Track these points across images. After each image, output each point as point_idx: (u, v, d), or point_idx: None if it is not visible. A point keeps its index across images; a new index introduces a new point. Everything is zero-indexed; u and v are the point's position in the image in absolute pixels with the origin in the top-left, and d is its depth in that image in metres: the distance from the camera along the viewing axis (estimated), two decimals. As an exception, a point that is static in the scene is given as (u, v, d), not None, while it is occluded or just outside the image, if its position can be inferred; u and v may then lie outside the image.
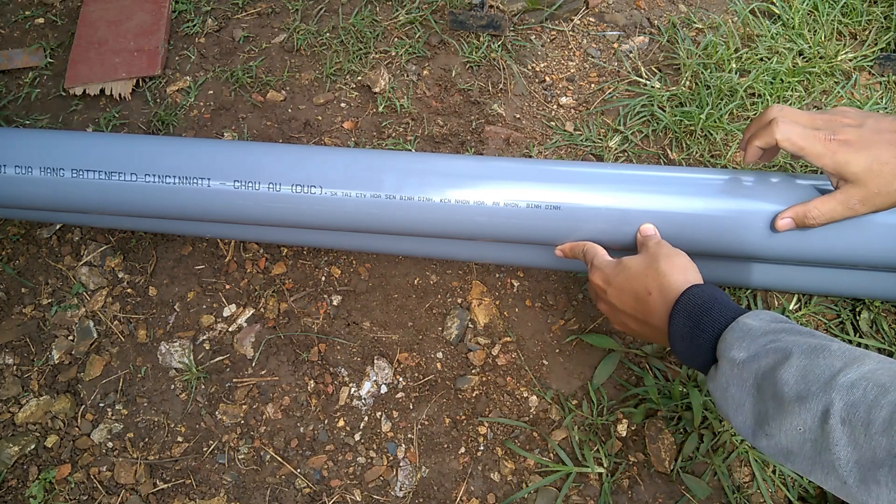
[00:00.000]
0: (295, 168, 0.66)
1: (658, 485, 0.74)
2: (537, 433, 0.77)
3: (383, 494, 0.74)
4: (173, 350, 0.82)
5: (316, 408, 0.79)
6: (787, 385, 0.44)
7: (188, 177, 0.66)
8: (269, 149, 0.68)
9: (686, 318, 0.53)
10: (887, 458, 0.38)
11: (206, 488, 0.75)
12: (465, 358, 0.81)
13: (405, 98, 0.99)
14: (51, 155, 0.67)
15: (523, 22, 1.06)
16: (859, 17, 1.04)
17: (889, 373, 0.41)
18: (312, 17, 1.07)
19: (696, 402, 0.74)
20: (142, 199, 0.67)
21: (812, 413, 0.42)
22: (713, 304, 0.52)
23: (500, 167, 0.68)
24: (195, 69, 1.03)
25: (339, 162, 0.67)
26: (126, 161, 0.66)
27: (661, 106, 0.96)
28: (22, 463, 0.76)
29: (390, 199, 0.65)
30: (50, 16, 1.08)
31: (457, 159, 0.70)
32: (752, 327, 0.48)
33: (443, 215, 0.65)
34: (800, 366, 0.44)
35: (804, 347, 0.45)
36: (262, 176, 0.65)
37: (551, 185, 0.65)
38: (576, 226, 0.66)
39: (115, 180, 0.66)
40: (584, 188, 0.65)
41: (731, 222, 0.64)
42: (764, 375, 0.46)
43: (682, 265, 0.57)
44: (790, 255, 0.66)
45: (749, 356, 0.47)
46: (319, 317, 0.83)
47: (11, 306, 0.85)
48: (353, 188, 0.65)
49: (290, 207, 0.66)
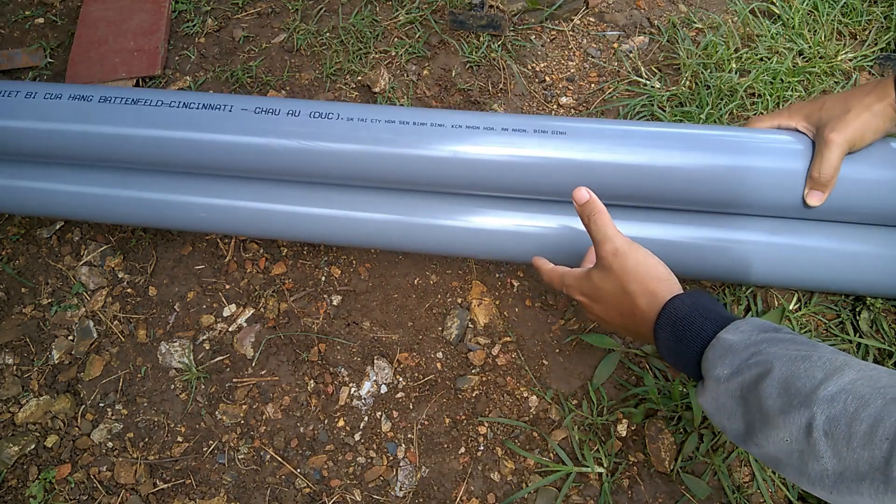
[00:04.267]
0: (312, 103, 0.71)
1: (658, 485, 0.74)
2: (537, 433, 0.77)
3: (383, 494, 0.74)
4: (173, 350, 0.82)
5: (316, 408, 0.79)
6: (770, 398, 0.44)
7: (211, 104, 0.70)
8: (287, 99, 0.74)
9: (669, 333, 0.52)
10: (869, 472, 0.39)
11: (206, 488, 0.75)
12: (465, 358, 0.81)
13: (405, 98, 0.99)
14: (79, 88, 0.73)
15: (523, 22, 1.06)
16: (859, 17, 1.04)
17: (868, 382, 0.42)
18: (312, 17, 1.07)
19: (696, 402, 0.74)
20: (166, 127, 0.71)
21: (796, 426, 0.43)
22: (694, 317, 0.51)
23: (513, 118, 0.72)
24: (195, 69, 1.03)
25: (356, 106, 0.72)
26: (151, 93, 0.73)
27: (661, 106, 0.96)
28: (22, 463, 0.76)
29: (404, 124, 0.69)
30: (50, 16, 1.08)
31: (467, 113, 0.74)
32: (733, 343, 0.48)
33: (456, 139, 0.69)
34: (781, 378, 0.44)
35: (785, 359, 0.45)
36: (283, 105, 0.70)
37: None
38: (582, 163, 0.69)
39: (141, 104, 0.71)
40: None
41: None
42: (748, 389, 0.46)
43: (652, 274, 0.56)
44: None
45: (732, 371, 0.47)
46: (319, 317, 0.83)
47: (11, 306, 0.85)
48: (369, 115, 0.69)
49: (309, 132, 0.70)
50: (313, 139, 0.69)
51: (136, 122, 0.71)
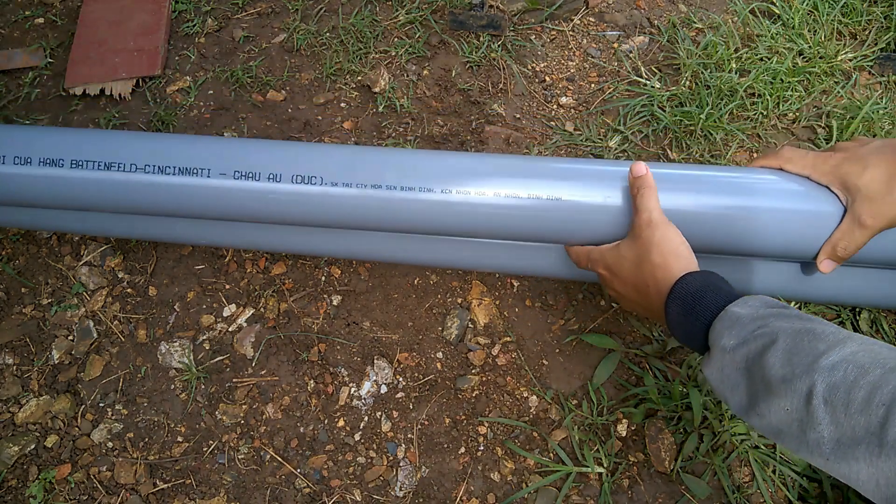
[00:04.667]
0: (296, 161, 0.66)
1: (658, 485, 0.74)
2: (537, 433, 0.77)
3: (383, 494, 0.74)
4: (173, 350, 0.82)
5: (316, 408, 0.79)
6: (774, 368, 0.46)
7: (187, 168, 0.65)
8: (269, 144, 0.69)
9: (680, 306, 0.54)
10: (865, 436, 0.40)
11: (206, 488, 0.75)
12: (465, 358, 0.81)
13: (405, 98, 0.99)
14: (50, 146, 0.66)
15: (523, 22, 1.06)
16: (859, 17, 1.04)
17: (870, 354, 0.43)
18: (312, 17, 1.07)
19: (696, 402, 0.74)
20: (140, 193, 0.67)
21: (797, 394, 0.44)
22: (705, 292, 0.53)
23: (500, 163, 0.68)
24: (195, 69, 1.03)
25: (341, 155, 0.67)
26: (125, 152, 0.66)
27: (661, 106, 0.96)
28: (22, 463, 0.76)
29: (391, 189, 0.65)
30: (50, 16, 1.08)
31: (457, 156, 0.70)
32: (741, 315, 0.50)
33: (444, 209, 0.65)
34: (785, 349, 0.46)
35: (790, 331, 0.46)
36: (264, 166, 0.65)
37: (552, 180, 0.66)
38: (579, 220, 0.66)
39: (114, 170, 0.65)
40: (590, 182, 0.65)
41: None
42: (753, 359, 0.48)
43: (674, 250, 0.57)
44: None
45: (738, 342, 0.49)
46: (319, 317, 0.83)
47: (11, 306, 0.85)
48: (354, 180, 0.65)
49: (290, 200, 0.66)
50: (294, 207, 0.66)
51: (107, 193, 0.67)
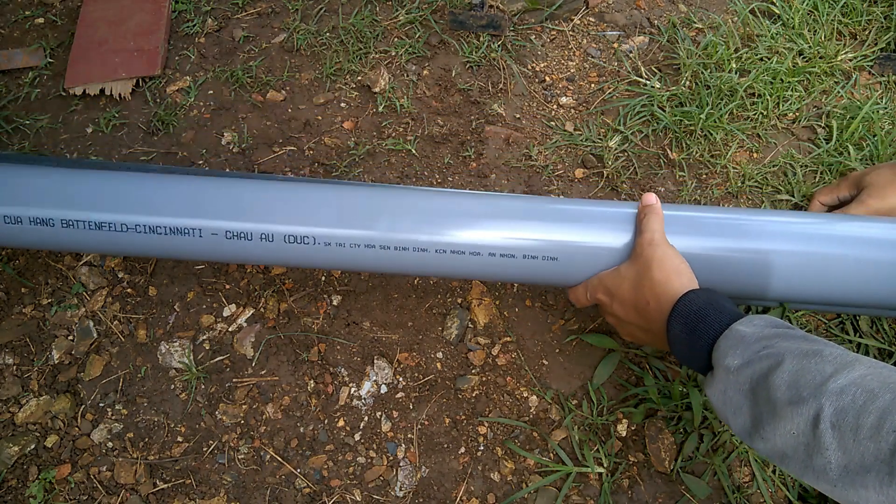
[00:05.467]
0: (287, 220, 0.65)
1: (658, 485, 0.74)
2: (537, 433, 0.77)
3: (383, 494, 0.74)
4: (173, 350, 0.82)
5: (316, 408, 0.79)
6: (780, 390, 0.44)
7: (179, 228, 0.65)
8: (262, 195, 0.67)
9: (682, 325, 0.53)
10: (874, 464, 0.39)
11: (206, 488, 0.75)
12: (465, 358, 0.81)
13: (405, 98, 0.99)
14: (40, 205, 0.65)
15: (523, 22, 1.06)
16: (859, 17, 1.04)
17: (878, 378, 0.42)
18: (312, 17, 1.07)
19: (696, 402, 0.74)
20: (132, 248, 0.68)
21: (804, 417, 0.43)
22: (708, 310, 0.52)
23: (497, 208, 0.67)
24: (195, 69, 1.03)
25: (332, 209, 0.66)
26: (115, 212, 0.66)
27: (661, 106, 0.96)
28: (22, 463, 0.76)
29: (385, 249, 0.65)
30: (50, 16, 1.08)
31: (450, 198, 0.69)
32: (746, 334, 0.49)
33: (438, 261, 0.66)
34: (792, 371, 0.45)
35: (797, 353, 0.45)
36: (256, 225, 0.65)
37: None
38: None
39: (104, 230, 0.65)
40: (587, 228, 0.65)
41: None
42: (758, 380, 0.46)
43: (675, 268, 0.57)
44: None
45: (743, 362, 0.48)
46: (319, 317, 0.83)
47: (11, 306, 0.85)
48: (347, 240, 0.65)
49: (283, 255, 0.67)
50: (287, 260, 0.67)
51: (99, 246, 0.67)
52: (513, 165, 0.93)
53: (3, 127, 0.96)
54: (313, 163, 0.94)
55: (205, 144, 0.96)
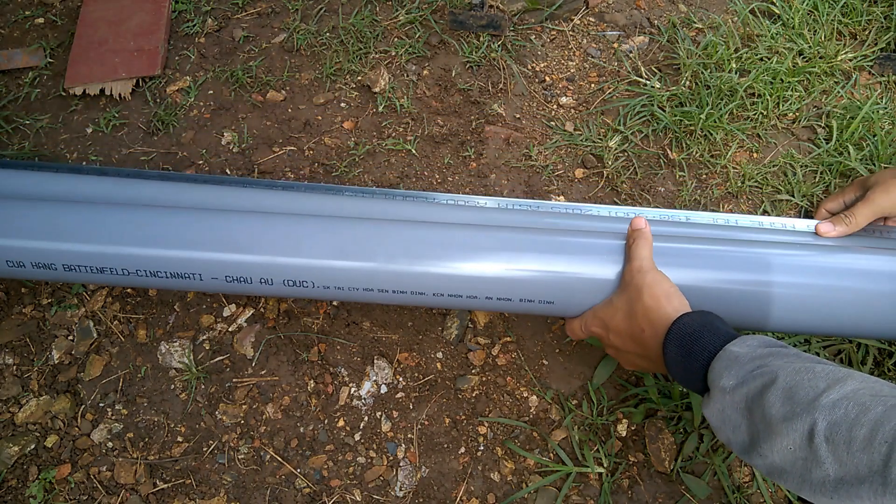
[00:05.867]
0: (288, 264, 0.66)
1: (658, 485, 0.74)
2: (537, 433, 0.77)
3: (383, 494, 0.74)
4: (173, 350, 0.82)
5: (316, 408, 0.79)
6: (774, 407, 0.45)
7: (180, 273, 0.67)
8: (261, 236, 0.67)
9: (678, 348, 0.54)
10: (868, 475, 0.39)
11: (206, 488, 0.75)
12: (465, 358, 0.81)
13: (405, 98, 0.99)
14: (41, 250, 0.67)
15: (523, 22, 1.06)
16: (859, 17, 1.04)
17: (870, 392, 0.43)
18: (312, 17, 1.07)
19: (696, 402, 0.74)
20: (134, 285, 0.70)
21: (799, 433, 0.44)
22: (702, 332, 0.53)
23: (501, 239, 0.67)
24: (195, 69, 1.03)
25: (327, 246, 0.67)
26: (118, 250, 0.67)
27: (661, 106, 0.96)
28: (22, 463, 0.76)
29: (383, 292, 0.66)
30: (50, 16, 1.08)
31: (455, 234, 0.69)
32: (739, 354, 0.50)
33: (437, 302, 0.67)
34: (785, 388, 0.45)
35: (789, 370, 0.46)
36: (255, 270, 0.66)
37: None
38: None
39: (106, 274, 0.67)
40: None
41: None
42: (753, 399, 0.47)
43: (665, 292, 0.58)
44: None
45: (738, 382, 0.49)
46: (319, 317, 0.83)
47: (11, 306, 0.85)
48: (347, 282, 0.66)
49: (284, 294, 0.69)
50: (290, 295, 0.69)
51: (102, 282, 0.69)
52: (513, 165, 0.93)
53: (3, 127, 0.96)
54: (313, 163, 0.94)
55: (205, 144, 0.96)
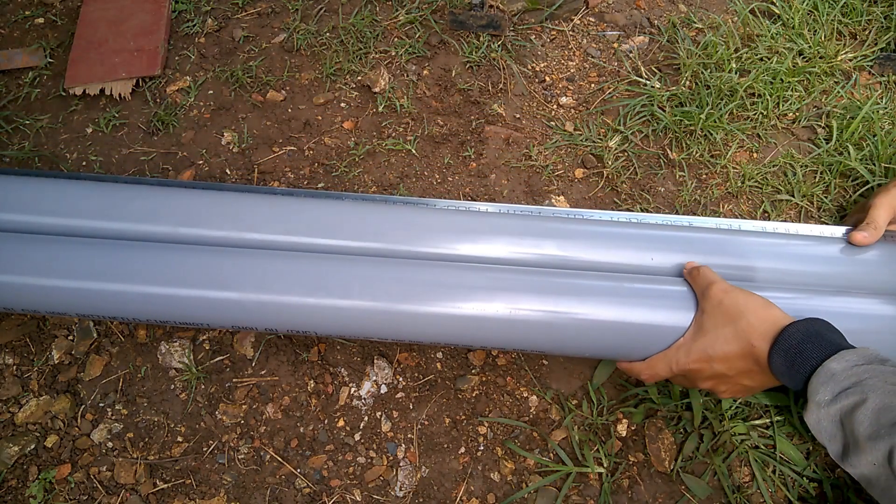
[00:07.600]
0: (290, 321, 0.67)
1: (658, 485, 0.74)
2: (537, 433, 0.77)
3: (383, 494, 0.74)
4: (173, 350, 0.82)
5: (316, 408, 0.79)
6: (863, 425, 0.49)
7: (186, 323, 0.69)
8: (279, 268, 0.67)
9: (784, 359, 0.56)
10: None
11: (206, 488, 0.75)
12: (465, 358, 0.81)
13: (405, 98, 0.99)
14: (33, 301, 0.68)
15: (523, 22, 1.06)
16: (859, 17, 1.04)
17: None
18: (312, 17, 1.07)
19: (696, 402, 0.74)
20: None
21: (881, 452, 0.48)
22: (806, 344, 0.55)
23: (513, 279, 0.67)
24: (195, 69, 1.03)
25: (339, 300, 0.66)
26: (122, 303, 0.68)
27: (661, 106, 0.96)
28: (22, 463, 0.76)
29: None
30: (50, 16, 1.08)
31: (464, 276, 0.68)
32: (836, 371, 0.53)
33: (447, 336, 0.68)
34: (874, 409, 0.49)
35: (881, 391, 0.50)
36: (258, 322, 0.67)
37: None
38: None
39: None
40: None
41: None
42: (845, 414, 0.51)
43: (764, 302, 0.60)
44: None
45: (832, 398, 0.52)
46: (319, 317, 0.83)
47: (11, 306, 0.85)
48: (347, 331, 0.68)
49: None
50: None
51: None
52: (513, 165, 0.93)
53: (3, 127, 0.96)
54: (313, 163, 0.94)
55: (205, 144, 0.96)
